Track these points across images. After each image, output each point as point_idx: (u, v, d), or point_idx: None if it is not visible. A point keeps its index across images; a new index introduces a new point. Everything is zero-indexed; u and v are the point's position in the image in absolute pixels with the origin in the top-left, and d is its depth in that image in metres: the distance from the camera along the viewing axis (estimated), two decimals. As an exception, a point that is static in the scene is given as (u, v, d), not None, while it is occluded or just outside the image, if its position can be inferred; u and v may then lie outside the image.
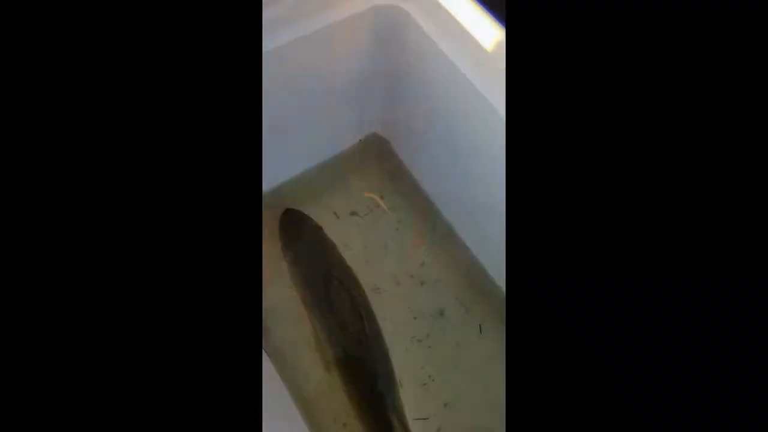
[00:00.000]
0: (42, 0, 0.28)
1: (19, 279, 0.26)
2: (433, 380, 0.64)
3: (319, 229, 0.69)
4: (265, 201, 0.70)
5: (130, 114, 0.29)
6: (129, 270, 0.28)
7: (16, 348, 0.26)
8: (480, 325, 0.67)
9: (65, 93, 0.28)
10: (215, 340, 0.28)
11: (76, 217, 0.28)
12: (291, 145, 0.70)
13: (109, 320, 0.27)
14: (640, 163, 0.29)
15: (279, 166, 0.71)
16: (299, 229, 0.69)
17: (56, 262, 0.27)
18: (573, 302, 0.29)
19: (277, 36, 0.57)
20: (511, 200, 0.30)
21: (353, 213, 0.76)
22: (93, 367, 0.27)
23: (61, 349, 0.27)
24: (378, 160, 0.80)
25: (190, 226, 0.29)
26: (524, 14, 0.30)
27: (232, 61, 0.30)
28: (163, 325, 0.28)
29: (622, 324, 0.28)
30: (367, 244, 0.74)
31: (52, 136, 0.28)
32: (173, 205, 0.29)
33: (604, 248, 0.29)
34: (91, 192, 0.28)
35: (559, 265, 0.29)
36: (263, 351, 0.60)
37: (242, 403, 0.28)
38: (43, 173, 0.27)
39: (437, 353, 0.66)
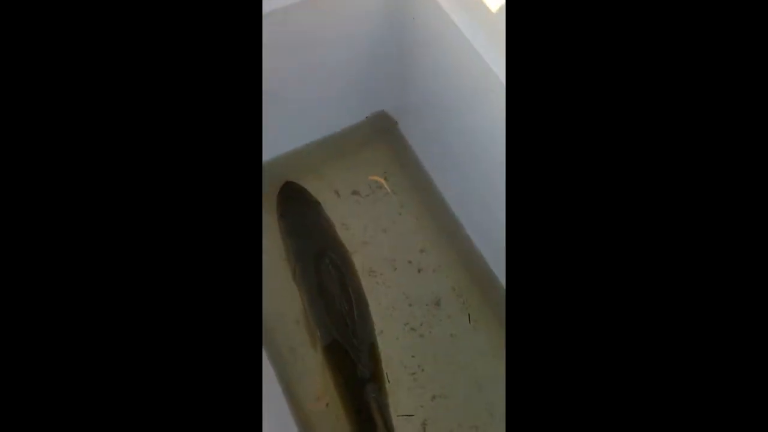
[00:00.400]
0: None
1: (15, 277, 0.26)
2: (423, 370, 0.62)
3: (318, 204, 0.66)
4: (264, 171, 0.67)
5: (125, 78, 0.28)
6: (125, 248, 0.27)
7: (16, 348, 0.26)
8: (469, 314, 0.65)
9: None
10: (215, 319, 0.27)
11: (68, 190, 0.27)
12: (294, 115, 0.67)
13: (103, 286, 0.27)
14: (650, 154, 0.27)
15: (281, 136, 0.68)
16: (297, 202, 0.66)
17: (49, 241, 0.26)
18: (573, 297, 0.27)
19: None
20: (512, 190, 0.29)
21: (355, 192, 0.73)
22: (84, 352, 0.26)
23: (60, 347, 0.26)
24: (385, 139, 0.77)
25: (187, 197, 0.28)
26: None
27: (231, 19, 0.29)
28: (160, 303, 0.27)
29: (622, 317, 0.27)
30: (366, 225, 0.71)
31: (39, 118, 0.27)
32: (169, 177, 0.28)
33: (606, 238, 0.27)
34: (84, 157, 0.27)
35: (560, 259, 0.28)
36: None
37: (241, 390, 0.27)
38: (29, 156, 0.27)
39: (430, 343, 0.63)
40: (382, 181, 0.73)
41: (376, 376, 0.56)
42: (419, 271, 0.68)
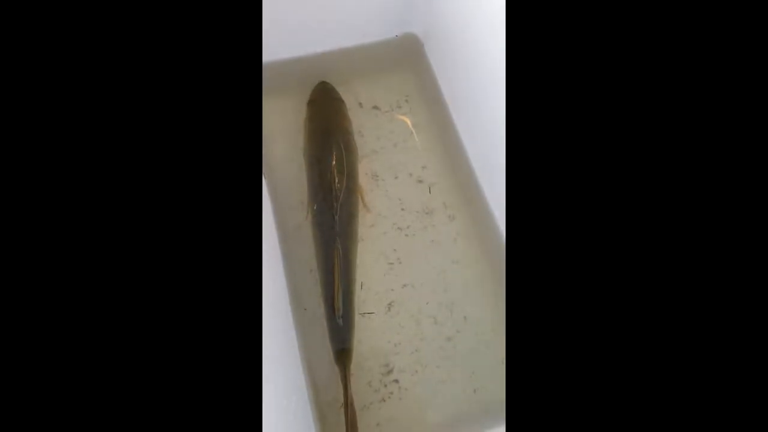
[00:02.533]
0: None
1: (15, 277, 0.26)
2: (400, 263, 0.69)
3: (343, 102, 0.74)
4: (297, 66, 0.75)
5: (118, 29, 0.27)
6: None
7: (16, 348, 0.26)
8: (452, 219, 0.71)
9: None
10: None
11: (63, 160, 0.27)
12: (332, 17, 0.74)
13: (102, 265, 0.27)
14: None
15: (317, 34, 0.76)
16: (326, 95, 0.74)
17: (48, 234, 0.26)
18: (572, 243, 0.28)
19: None
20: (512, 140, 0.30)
21: (375, 107, 0.80)
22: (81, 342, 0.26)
23: (59, 347, 0.26)
24: (411, 61, 0.83)
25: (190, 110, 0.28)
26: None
27: None
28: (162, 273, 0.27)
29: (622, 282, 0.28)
30: (379, 136, 0.78)
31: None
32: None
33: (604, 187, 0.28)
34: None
35: (558, 201, 0.29)
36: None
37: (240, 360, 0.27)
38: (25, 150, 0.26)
39: (412, 243, 0.70)
40: (407, 121, 0.80)
41: (347, 234, 0.64)
42: (418, 183, 0.75)
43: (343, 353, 0.60)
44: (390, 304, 0.66)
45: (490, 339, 0.65)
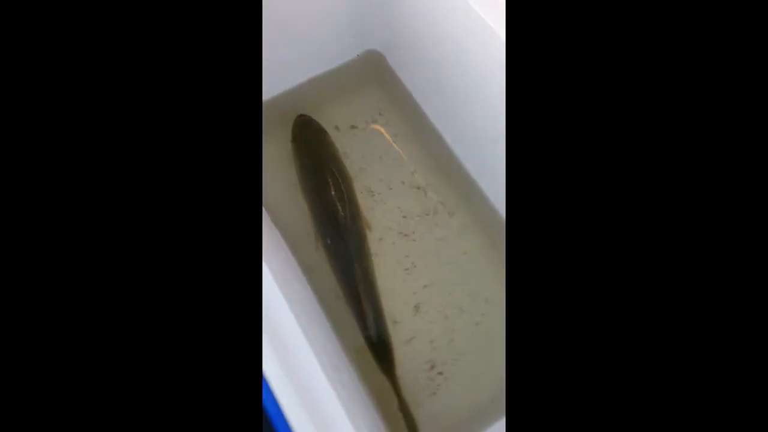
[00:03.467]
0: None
1: (16, 278, 0.26)
2: (415, 266, 0.74)
3: (325, 132, 0.78)
4: (271, 106, 0.78)
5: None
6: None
7: (16, 348, 0.26)
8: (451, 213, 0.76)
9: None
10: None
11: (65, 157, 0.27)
12: (292, 55, 0.78)
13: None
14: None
15: (284, 74, 0.79)
16: (307, 129, 0.78)
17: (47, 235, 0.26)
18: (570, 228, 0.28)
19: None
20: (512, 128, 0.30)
21: (353, 126, 0.84)
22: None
23: (59, 347, 0.26)
24: (377, 75, 0.87)
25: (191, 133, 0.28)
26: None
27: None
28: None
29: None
30: (364, 154, 0.82)
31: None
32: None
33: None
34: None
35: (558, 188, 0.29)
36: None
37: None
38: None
39: (420, 246, 0.75)
40: (384, 132, 0.84)
41: (362, 257, 0.68)
42: (412, 189, 0.79)
43: (386, 364, 0.65)
44: (416, 306, 0.71)
45: (512, 314, 0.71)
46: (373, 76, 0.87)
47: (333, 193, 0.70)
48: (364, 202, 0.76)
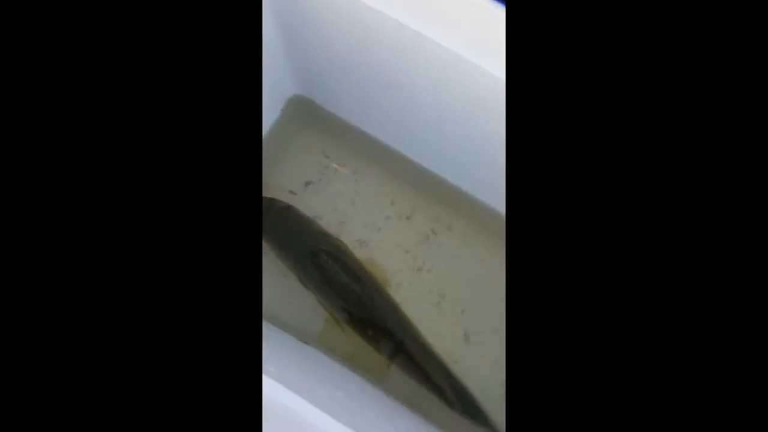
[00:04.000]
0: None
1: (18, 279, 0.27)
2: (444, 297, 0.71)
3: (290, 208, 0.70)
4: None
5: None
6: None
7: (16, 348, 0.26)
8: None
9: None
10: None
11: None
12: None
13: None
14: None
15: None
16: (272, 214, 0.69)
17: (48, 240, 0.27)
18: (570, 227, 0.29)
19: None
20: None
21: (308, 183, 0.77)
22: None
23: (58, 348, 0.27)
24: (312, 120, 0.79)
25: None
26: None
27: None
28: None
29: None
30: (335, 206, 0.76)
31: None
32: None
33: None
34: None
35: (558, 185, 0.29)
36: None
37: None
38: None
39: (437, 275, 0.72)
40: (341, 168, 0.77)
41: (399, 319, 0.64)
42: (401, 220, 0.75)
43: (482, 418, 0.63)
44: (465, 334, 0.70)
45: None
46: (307, 122, 0.79)
47: (340, 270, 0.64)
48: (361, 254, 0.71)
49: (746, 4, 0.27)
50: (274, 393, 0.42)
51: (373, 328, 0.63)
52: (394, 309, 0.65)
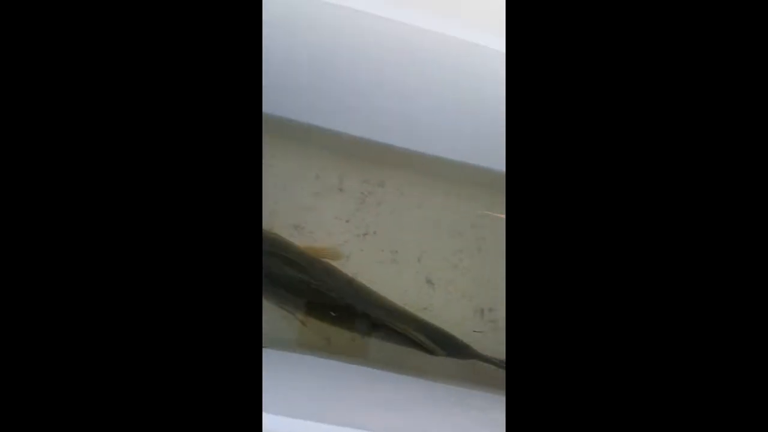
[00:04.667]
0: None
1: (19, 280, 0.26)
2: (397, 252, 0.70)
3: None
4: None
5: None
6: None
7: (16, 348, 0.26)
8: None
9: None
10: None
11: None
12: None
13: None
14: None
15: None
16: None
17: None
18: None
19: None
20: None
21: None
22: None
23: (59, 349, 0.26)
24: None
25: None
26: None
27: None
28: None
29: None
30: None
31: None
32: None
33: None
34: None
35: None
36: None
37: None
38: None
39: (385, 232, 0.71)
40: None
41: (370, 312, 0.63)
42: (331, 192, 0.72)
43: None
44: (427, 279, 0.69)
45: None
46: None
47: (290, 276, 0.61)
48: (300, 240, 0.68)
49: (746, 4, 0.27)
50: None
51: (333, 308, 0.62)
52: (348, 283, 0.63)
